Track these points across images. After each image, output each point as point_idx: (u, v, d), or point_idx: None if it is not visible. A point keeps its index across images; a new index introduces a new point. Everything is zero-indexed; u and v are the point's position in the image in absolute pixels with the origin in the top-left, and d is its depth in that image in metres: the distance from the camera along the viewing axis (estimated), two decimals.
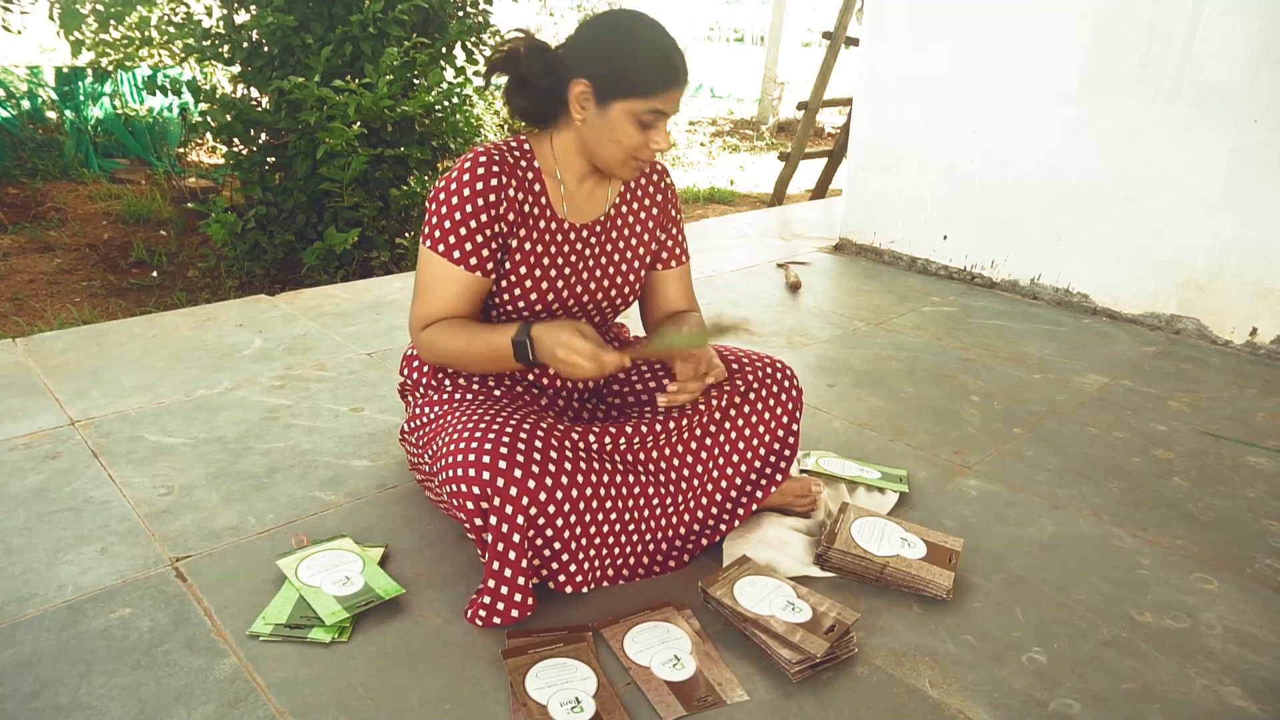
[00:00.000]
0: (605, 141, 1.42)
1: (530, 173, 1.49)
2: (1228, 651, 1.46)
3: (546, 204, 1.51)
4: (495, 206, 1.44)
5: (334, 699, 1.26)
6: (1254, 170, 2.83)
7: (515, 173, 1.47)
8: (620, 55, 1.38)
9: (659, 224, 1.67)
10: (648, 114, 1.39)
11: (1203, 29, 2.85)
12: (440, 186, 1.47)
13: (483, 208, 1.44)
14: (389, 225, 4.28)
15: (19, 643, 1.34)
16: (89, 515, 1.68)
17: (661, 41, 1.39)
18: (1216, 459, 2.15)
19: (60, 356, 2.41)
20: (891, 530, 1.66)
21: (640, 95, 1.37)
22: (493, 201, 1.44)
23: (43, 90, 6.48)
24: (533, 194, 1.49)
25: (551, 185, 1.52)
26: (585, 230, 1.56)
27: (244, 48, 4.14)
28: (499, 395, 1.57)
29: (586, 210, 1.57)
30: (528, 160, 1.50)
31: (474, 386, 1.59)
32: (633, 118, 1.39)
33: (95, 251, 4.69)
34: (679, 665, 1.33)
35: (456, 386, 1.60)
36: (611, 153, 1.43)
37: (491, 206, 1.44)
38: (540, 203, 1.50)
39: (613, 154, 1.43)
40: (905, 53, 3.66)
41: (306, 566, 1.51)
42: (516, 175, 1.48)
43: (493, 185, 1.44)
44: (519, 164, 1.49)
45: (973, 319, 3.16)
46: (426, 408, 1.58)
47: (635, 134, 1.40)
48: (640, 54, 1.38)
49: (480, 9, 4.64)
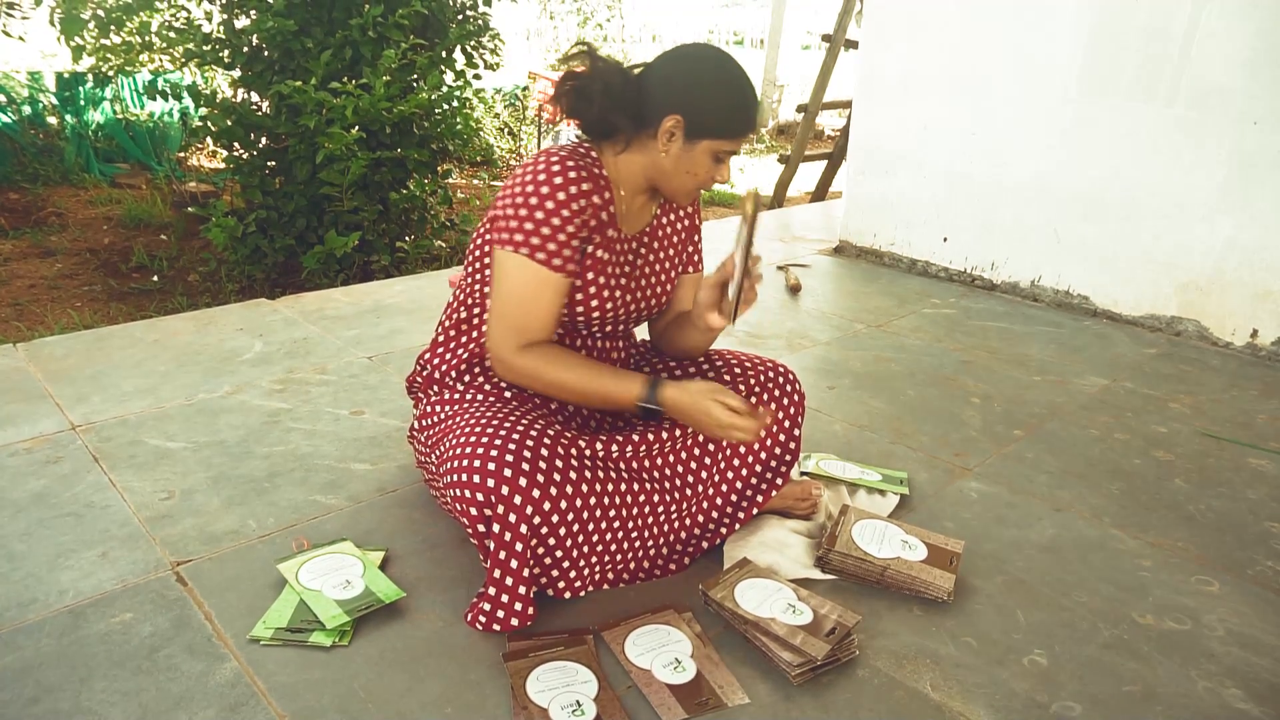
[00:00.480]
0: (682, 173, 1.47)
1: (602, 181, 1.49)
2: (1229, 654, 1.45)
3: (613, 213, 1.52)
4: (584, 212, 1.44)
5: (335, 703, 1.26)
6: (1253, 172, 2.83)
7: (595, 180, 1.47)
8: (716, 99, 1.42)
9: (688, 233, 1.71)
10: (724, 153, 1.45)
11: (1201, 31, 2.85)
12: (518, 190, 1.42)
13: (577, 212, 1.43)
14: (389, 229, 4.28)
15: (20, 648, 1.34)
16: (90, 520, 1.68)
17: (750, 89, 1.46)
18: (1217, 461, 2.15)
19: (61, 361, 2.41)
20: (892, 532, 1.66)
21: (727, 137, 1.44)
22: (584, 207, 1.44)
23: (44, 95, 6.49)
24: (604, 201, 1.50)
25: (615, 195, 1.53)
26: (634, 240, 1.59)
27: (244, 52, 4.15)
28: (509, 397, 1.56)
29: (635, 221, 1.59)
30: (599, 169, 1.49)
31: (486, 386, 1.58)
32: (712, 155, 1.45)
33: (96, 256, 4.69)
34: (680, 668, 1.33)
35: (469, 386, 1.59)
36: (684, 183, 1.48)
37: (583, 211, 1.44)
38: (609, 211, 1.51)
39: (684, 184, 1.48)
40: (904, 55, 3.66)
41: (307, 570, 1.51)
42: (597, 183, 1.48)
43: (584, 190, 1.44)
44: (595, 171, 1.48)
45: (973, 321, 3.16)
46: (438, 406, 1.57)
47: (711, 169, 1.47)
48: (734, 101, 1.43)
49: (480, 12, 4.65)
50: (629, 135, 1.47)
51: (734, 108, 1.42)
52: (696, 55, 1.44)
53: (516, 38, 11.11)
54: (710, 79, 1.42)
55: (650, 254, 1.62)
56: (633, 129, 1.46)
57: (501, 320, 1.44)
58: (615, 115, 1.45)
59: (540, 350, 1.44)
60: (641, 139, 1.46)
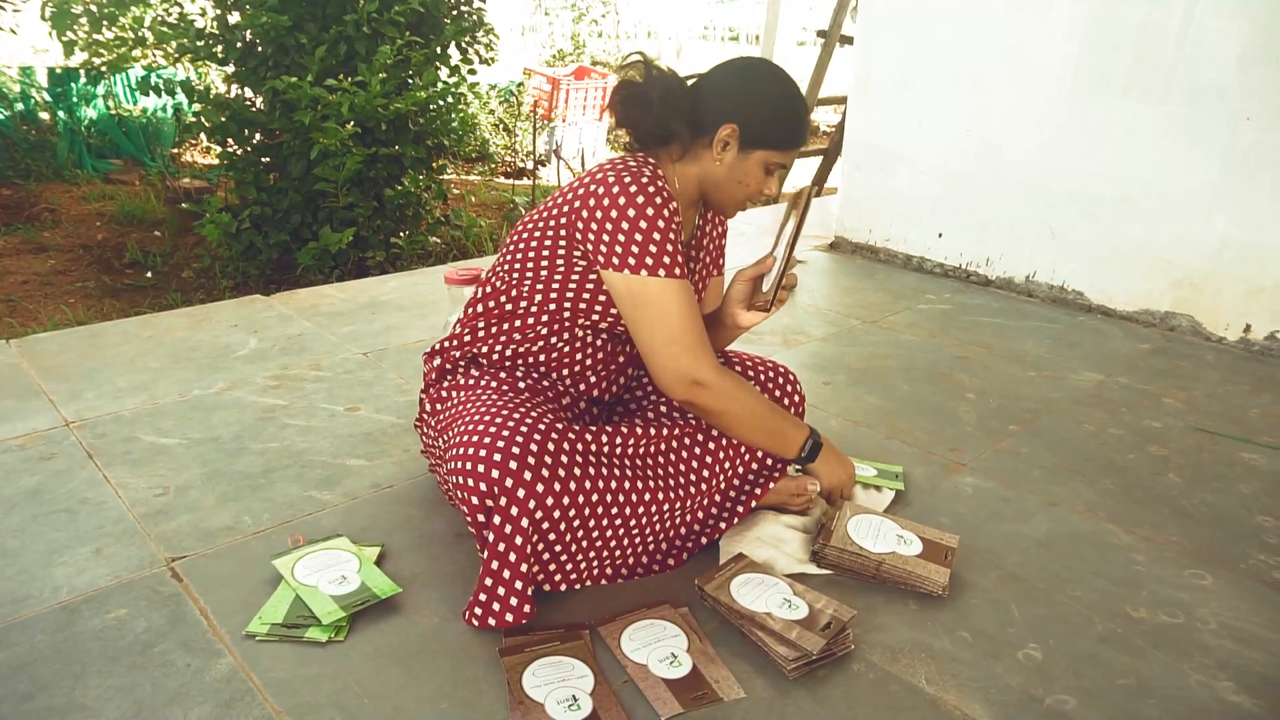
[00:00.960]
0: (734, 183, 1.49)
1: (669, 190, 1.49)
2: (1222, 647, 1.46)
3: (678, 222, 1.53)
4: (676, 213, 1.45)
5: (331, 698, 1.25)
6: (1246, 169, 2.84)
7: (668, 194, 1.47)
8: (772, 110, 1.45)
9: (719, 240, 1.76)
10: (776, 165, 1.48)
11: (1195, 29, 2.85)
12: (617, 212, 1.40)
13: (676, 225, 1.44)
14: (384, 225, 4.28)
15: (14, 644, 1.33)
16: (84, 516, 1.68)
17: (803, 104, 1.49)
18: (1211, 455, 2.16)
19: (54, 358, 2.40)
20: (888, 527, 1.66)
21: (780, 148, 1.47)
22: (675, 209, 1.45)
23: (36, 91, 6.46)
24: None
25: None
26: (685, 248, 1.62)
27: (238, 48, 4.13)
28: (523, 389, 1.55)
29: (685, 231, 1.61)
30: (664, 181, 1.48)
31: (500, 374, 1.57)
32: (764, 166, 1.48)
33: (89, 252, 4.67)
34: (676, 663, 1.33)
35: (484, 372, 1.58)
36: (734, 193, 1.50)
37: (676, 212, 1.45)
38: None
39: (735, 194, 1.51)
40: (900, 52, 3.66)
41: (303, 566, 1.51)
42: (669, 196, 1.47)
43: (673, 207, 1.44)
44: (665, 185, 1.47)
45: (968, 317, 3.16)
46: (453, 391, 1.57)
47: (762, 180, 1.50)
48: (789, 112, 1.47)
49: (475, 7, 4.64)
50: (685, 144, 1.48)
51: (788, 119, 1.46)
52: (753, 67, 1.48)
53: (511, 33, 11.08)
54: (766, 90, 1.45)
55: (695, 260, 1.67)
56: (689, 137, 1.47)
57: (678, 344, 1.43)
58: (673, 121, 1.46)
59: (731, 373, 1.49)
60: (696, 149, 1.49)
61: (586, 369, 1.61)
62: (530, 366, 1.60)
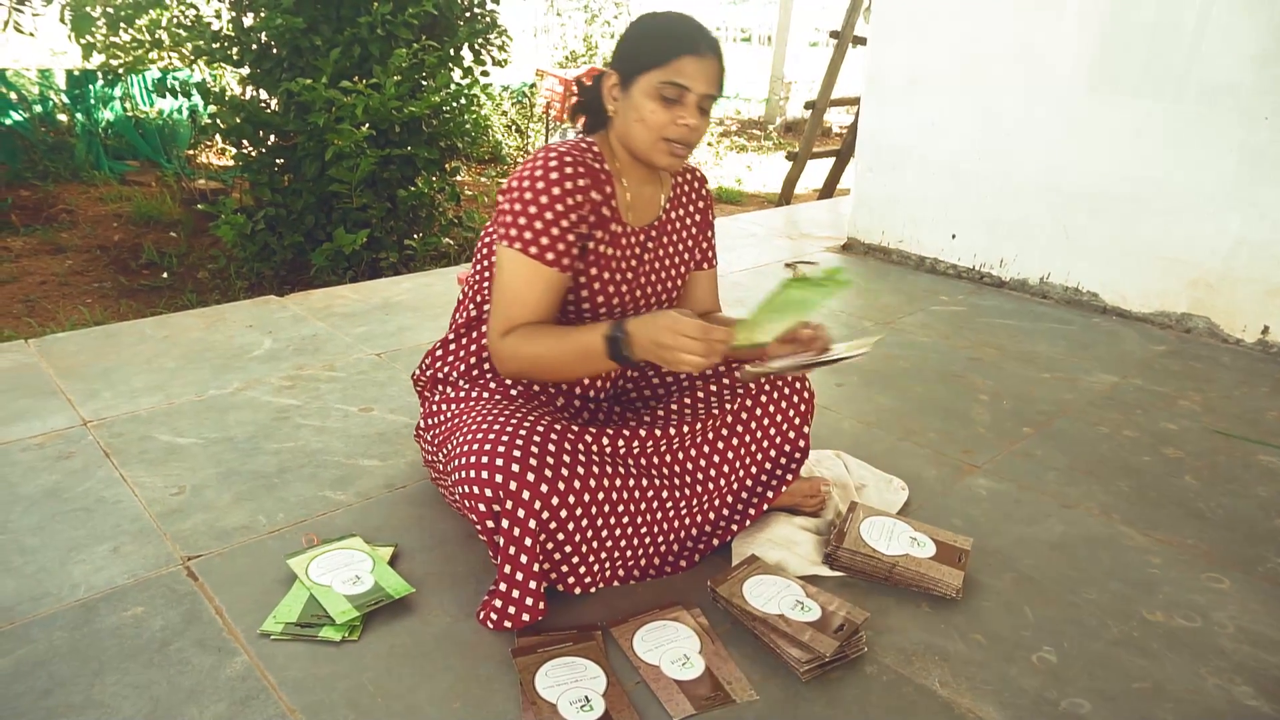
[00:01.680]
0: (634, 124, 1.44)
1: (603, 175, 1.49)
2: (1239, 651, 1.45)
3: (616, 206, 1.51)
4: (580, 208, 1.44)
5: (344, 697, 1.26)
6: (1262, 168, 2.81)
7: (593, 175, 1.47)
8: (636, 35, 1.44)
9: (700, 228, 1.70)
10: (667, 87, 1.39)
11: (1210, 27, 2.83)
12: (516, 186, 1.43)
13: (572, 207, 1.43)
14: (397, 226, 4.29)
15: (33, 641, 1.35)
16: (101, 515, 1.69)
17: (677, 16, 1.43)
18: (1227, 458, 2.14)
19: (72, 357, 2.42)
20: (901, 529, 1.66)
21: (655, 66, 1.40)
22: (579, 202, 1.44)
23: (54, 93, 6.52)
24: (605, 196, 1.49)
25: (618, 188, 1.53)
26: (643, 234, 1.58)
27: (253, 50, 4.16)
28: (515, 395, 1.57)
29: (643, 214, 1.58)
30: (600, 163, 1.49)
31: (491, 385, 1.59)
32: (654, 93, 1.40)
33: (106, 253, 4.71)
34: (688, 664, 1.33)
35: (474, 384, 1.60)
36: (640, 135, 1.44)
37: (578, 207, 1.44)
38: (611, 205, 1.50)
39: (641, 136, 1.44)
40: (912, 52, 3.65)
41: (317, 565, 1.52)
42: (595, 177, 1.47)
43: (580, 185, 1.43)
44: (592, 164, 1.48)
45: (981, 318, 3.15)
46: (444, 404, 1.58)
47: (659, 110, 1.41)
48: (653, 28, 1.43)
49: (488, 9, 4.65)
50: (606, 117, 1.51)
51: (650, 34, 1.42)
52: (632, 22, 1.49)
53: (524, 35, 11.09)
54: (630, 28, 1.46)
55: (659, 247, 1.62)
56: (600, 112, 1.51)
57: (495, 311, 1.46)
58: (595, 100, 1.51)
59: (519, 330, 1.44)
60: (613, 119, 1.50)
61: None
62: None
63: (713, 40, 1.44)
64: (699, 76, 1.40)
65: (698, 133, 1.45)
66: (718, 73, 1.44)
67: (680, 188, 1.66)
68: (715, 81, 1.43)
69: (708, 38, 1.43)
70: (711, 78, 1.42)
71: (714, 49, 1.43)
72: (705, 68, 1.41)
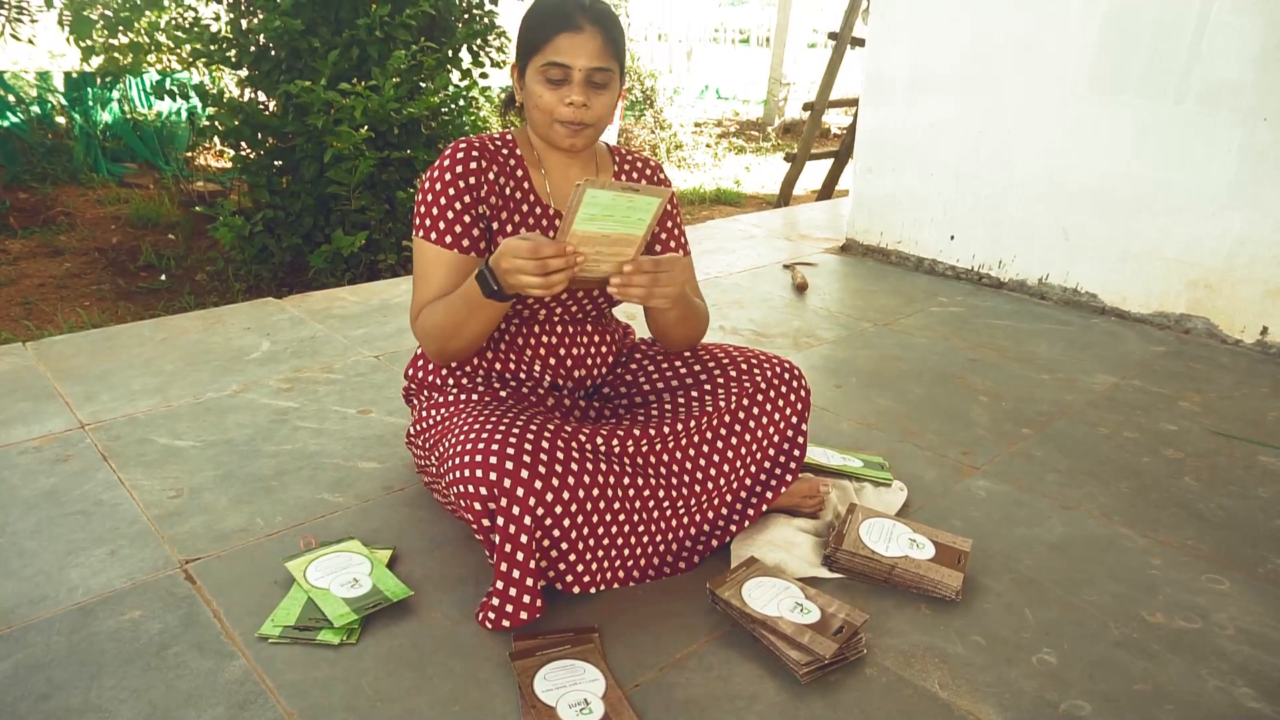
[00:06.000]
0: (532, 110, 1.49)
1: (512, 160, 1.55)
2: (1240, 652, 1.45)
3: (530, 188, 1.56)
4: (476, 190, 1.50)
5: (343, 701, 1.26)
6: (1263, 168, 2.81)
7: (496, 158, 1.53)
8: (522, 22, 1.47)
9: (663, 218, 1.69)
10: (549, 68, 1.41)
11: (1211, 26, 2.83)
12: (424, 178, 1.52)
13: (464, 189, 1.49)
14: (396, 228, 4.29)
15: (30, 644, 1.34)
16: (99, 518, 1.69)
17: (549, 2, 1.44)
18: (1227, 459, 2.14)
19: (70, 360, 2.42)
20: (900, 531, 1.65)
21: (536, 50, 1.43)
22: (473, 184, 1.49)
23: (52, 96, 6.51)
24: (514, 179, 1.55)
25: (534, 171, 1.57)
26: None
27: (251, 52, 4.15)
28: (505, 396, 1.57)
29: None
30: (509, 148, 1.56)
31: (479, 388, 1.59)
32: (539, 77, 1.44)
33: (104, 255, 4.70)
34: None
35: (462, 388, 1.60)
36: (537, 120, 1.49)
37: (472, 189, 1.49)
38: (524, 187, 1.55)
39: (538, 121, 1.49)
40: (911, 53, 3.65)
41: (315, 569, 1.51)
42: (498, 161, 1.53)
43: (471, 169, 1.50)
44: (499, 151, 1.55)
45: (980, 319, 3.15)
46: (432, 409, 1.58)
47: (546, 93, 1.44)
48: (533, 12, 1.45)
49: (486, 10, 4.65)
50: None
51: (531, 19, 1.45)
52: None
53: None
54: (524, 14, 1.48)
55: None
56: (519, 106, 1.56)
57: (413, 300, 1.54)
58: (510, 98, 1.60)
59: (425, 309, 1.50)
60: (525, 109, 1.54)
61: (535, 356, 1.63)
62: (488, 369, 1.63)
63: (595, 12, 1.42)
64: (577, 51, 1.40)
65: (592, 111, 1.44)
66: (602, 44, 1.42)
67: (628, 174, 1.67)
68: (599, 54, 1.41)
69: (588, 11, 1.42)
70: (593, 51, 1.41)
71: (596, 20, 1.42)
72: (583, 41, 1.40)
